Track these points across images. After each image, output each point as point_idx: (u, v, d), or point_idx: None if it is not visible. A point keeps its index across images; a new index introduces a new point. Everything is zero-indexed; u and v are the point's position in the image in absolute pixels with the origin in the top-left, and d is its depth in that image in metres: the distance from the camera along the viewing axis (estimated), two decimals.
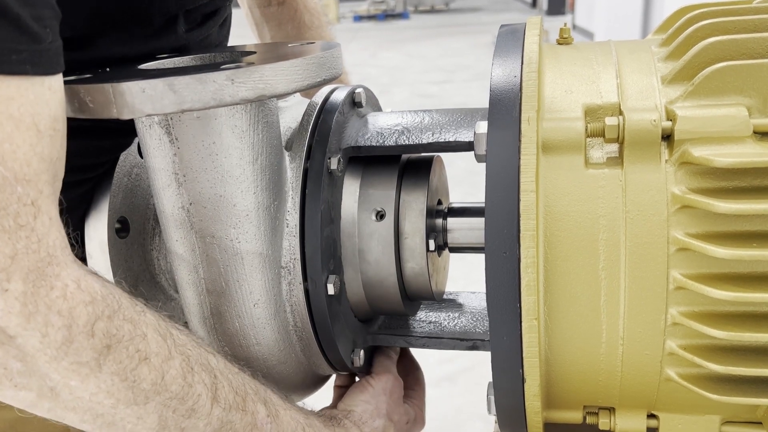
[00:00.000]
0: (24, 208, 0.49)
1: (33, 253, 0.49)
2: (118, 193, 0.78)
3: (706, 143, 0.58)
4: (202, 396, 0.59)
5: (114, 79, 0.58)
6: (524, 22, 0.72)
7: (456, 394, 2.52)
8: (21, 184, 0.49)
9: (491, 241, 0.59)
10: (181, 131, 0.65)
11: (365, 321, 0.86)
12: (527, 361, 0.60)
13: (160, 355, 0.56)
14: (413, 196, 0.78)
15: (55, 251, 0.51)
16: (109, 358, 0.53)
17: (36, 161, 0.50)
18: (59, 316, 0.50)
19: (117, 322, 0.54)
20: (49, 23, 0.51)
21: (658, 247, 0.59)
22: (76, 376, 0.52)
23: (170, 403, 0.57)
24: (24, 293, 0.48)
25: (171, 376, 0.57)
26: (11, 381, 0.51)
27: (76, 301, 0.51)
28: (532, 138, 0.59)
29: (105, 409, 0.54)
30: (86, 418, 0.55)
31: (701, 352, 0.61)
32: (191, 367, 0.59)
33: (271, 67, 0.59)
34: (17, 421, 0.75)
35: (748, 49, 0.61)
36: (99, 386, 0.53)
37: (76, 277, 0.52)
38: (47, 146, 0.51)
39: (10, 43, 0.48)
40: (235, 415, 0.62)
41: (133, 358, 0.54)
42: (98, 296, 0.53)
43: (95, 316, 0.52)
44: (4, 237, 0.47)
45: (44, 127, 0.51)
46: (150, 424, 0.57)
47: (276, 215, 0.72)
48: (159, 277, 0.83)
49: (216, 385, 0.61)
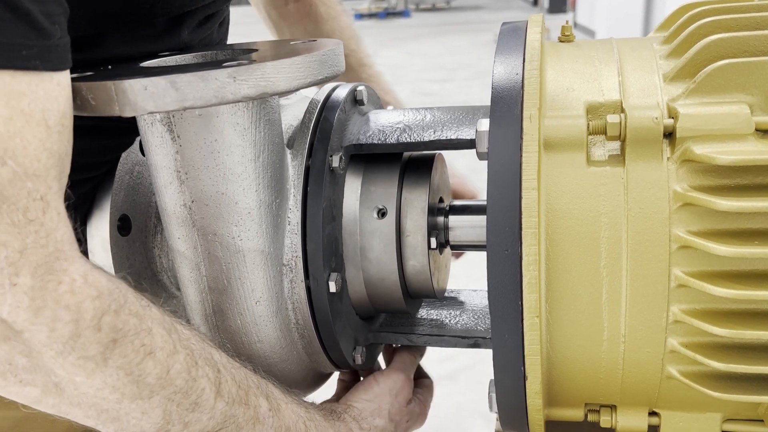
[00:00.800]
0: (33, 203, 0.49)
1: (42, 248, 0.49)
2: (120, 191, 0.78)
3: (708, 141, 0.58)
4: (206, 390, 0.59)
5: (116, 76, 0.58)
6: (526, 20, 0.72)
7: (457, 392, 2.52)
8: (31, 180, 0.49)
9: (493, 239, 0.59)
10: (183, 129, 0.65)
11: (367, 319, 0.86)
12: (529, 358, 0.61)
13: (165, 350, 0.57)
14: (415, 193, 0.78)
15: (63, 246, 0.51)
16: (115, 353, 0.53)
17: (45, 157, 0.50)
18: (67, 310, 0.50)
19: (123, 316, 0.54)
20: (58, 19, 0.51)
21: (659, 245, 0.59)
22: (81, 371, 0.52)
23: (174, 398, 0.57)
24: (32, 288, 0.48)
25: (176, 370, 0.57)
26: (16, 377, 0.51)
27: (83, 296, 0.51)
28: (533, 136, 0.59)
29: (110, 404, 0.54)
30: (91, 413, 0.55)
31: (703, 350, 0.61)
32: (195, 362, 0.59)
33: (273, 65, 0.59)
34: (21, 419, 0.76)
35: (750, 47, 0.61)
36: (104, 381, 0.53)
37: (84, 271, 0.52)
38: (56, 142, 0.51)
39: (21, 38, 0.48)
40: (238, 409, 0.62)
41: (138, 353, 0.54)
42: (105, 291, 0.53)
43: (102, 311, 0.52)
44: (14, 231, 0.48)
45: (53, 122, 0.51)
46: (154, 419, 0.57)
47: (278, 213, 0.72)
48: (161, 274, 0.83)
49: (219, 379, 0.61)
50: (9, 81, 0.47)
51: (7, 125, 0.47)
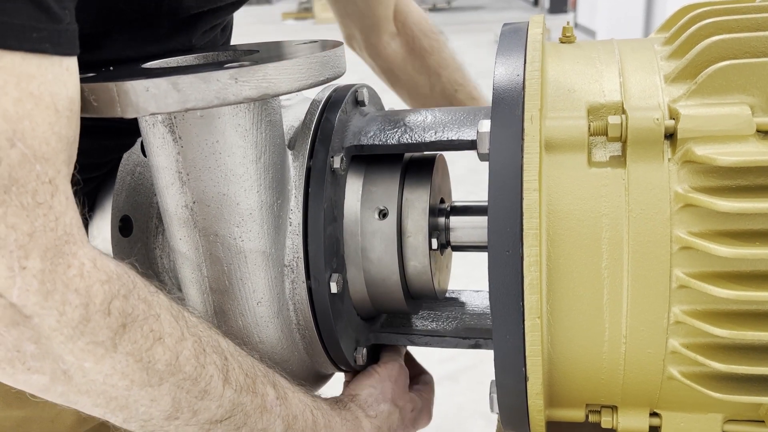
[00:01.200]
0: (42, 186, 0.48)
1: (51, 231, 0.48)
2: (122, 192, 0.78)
3: (709, 142, 0.58)
4: (215, 377, 0.59)
5: (118, 77, 0.58)
6: (527, 21, 0.72)
7: (458, 393, 2.52)
8: (40, 162, 0.48)
9: (494, 240, 0.59)
10: (184, 130, 0.66)
11: (368, 319, 0.86)
12: (530, 359, 0.61)
13: (174, 336, 0.56)
14: (416, 194, 0.78)
15: (71, 230, 0.50)
16: (125, 338, 0.52)
17: (54, 140, 0.49)
18: (77, 294, 0.49)
19: (132, 301, 0.53)
20: (67, 5, 0.51)
21: (660, 246, 0.59)
22: (90, 357, 0.51)
23: (184, 384, 0.56)
24: (42, 271, 0.48)
25: (184, 356, 0.56)
26: (24, 364, 0.50)
27: (93, 280, 0.51)
28: (534, 137, 0.59)
29: (119, 392, 0.54)
30: (99, 401, 0.54)
31: (704, 351, 0.61)
32: (203, 349, 0.59)
33: (275, 66, 0.59)
34: (23, 420, 0.75)
35: (751, 48, 0.61)
36: (114, 367, 0.52)
37: (93, 256, 0.52)
38: (65, 126, 0.51)
39: (31, 21, 0.47)
40: (245, 397, 0.61)
41: (147, 338, 0.54)
42: (114, 275, 0.53)
43: (111, 295, 0.52)
44: (23, 214, 0.47)
45: (62, 107, 0.50)
46: (163, 406, 0.56)
47: (279, 214, 0.72)
48: (162, 275, 0.83)
49: (227, 366, 0.61)
50: (19, 63, 0.47)
51: (16, 107, 0.47)
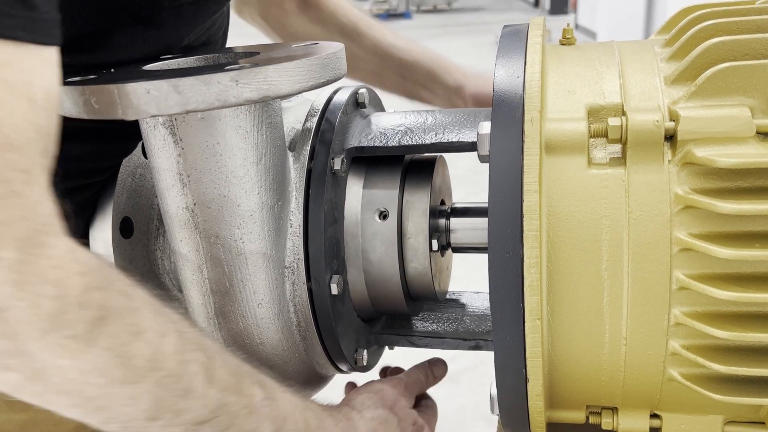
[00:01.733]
0: (16, 174, 0.47)
1: (25, 221, 0.46)
2: (123, 194, 0.79)
3: (709, 144, 0.58)
4: (198, 375, 0.56)
5: (119, 80, 0.59)
6: (527, 23, 0.72)
7: (458, 394, 2.51)
8: (12, 151, 0.47)
9: (494, 241, 0.59)
10: (185, 132, 0.66)
11: (368, 321, 0.86)
12: (530, 361, 0.61)
13: (154, 331, 0.53)
14: (416, 196, 0.78)
15: (47, 220, 0.48)
16: (103, 332, 0.49)
17: (29, 130, 0.48)
18: (52, 285, 0.47)
19: (111, 293, 0.51)
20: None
21: (661, 248, 0.59)
22: (66, 352, 0.48)
23: (165, 382, 0.53)
24: (17, 261, 0.46)
25: (166, 353, 0.53)
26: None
27: (69, 271, 0.48)
28: (535, 138, 0.59)
29: (97, 391, 0.50)
30: (77, 401, 0.51)
31: (704, 353, 0.61)
32: (186, 346, 0.55)
33: (275, 68, 0.59)
34: (26, 422, 0.75)
35: (751, 50, 0.61)
36: (91, 363, 0.49)
37: (70, 247, 0.49)
38: (41, 117, 0.49)
39: (4, 6, 0.47)
40: (231, 397, 0.58)
41: (127, 333, 0.51)
42: (92, 267, 0.50)
43: (89, 287, 0.49)
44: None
45: (38, 97, 0.49)
46: (144, 406, 0.53)
47: (280, 215, 0.72)
48: (163, 277, 0.84)
49: (211, 365, 0.57)
50: None
51: None
